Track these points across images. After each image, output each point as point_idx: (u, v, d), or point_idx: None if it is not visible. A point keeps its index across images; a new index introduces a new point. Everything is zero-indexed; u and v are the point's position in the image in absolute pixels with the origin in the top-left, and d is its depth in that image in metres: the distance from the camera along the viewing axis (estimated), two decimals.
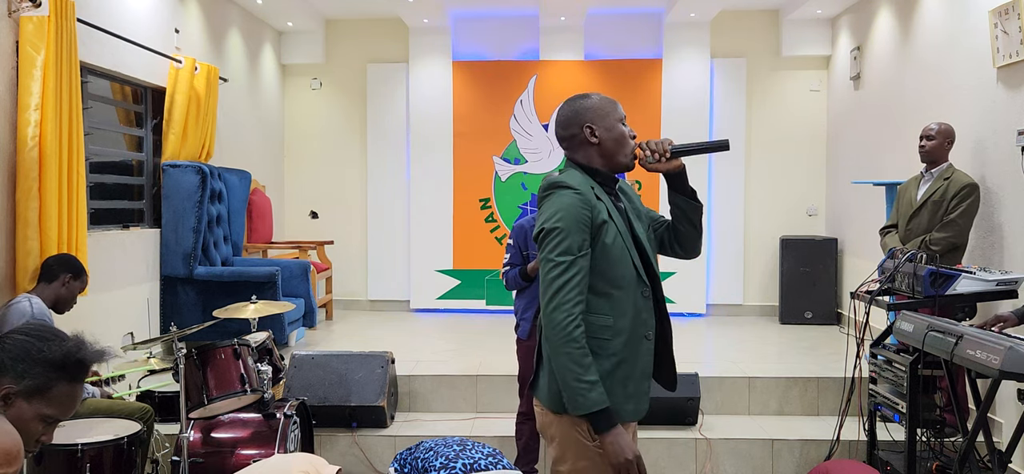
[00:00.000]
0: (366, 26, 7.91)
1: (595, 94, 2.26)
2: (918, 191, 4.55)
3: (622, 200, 2.28)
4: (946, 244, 4.29)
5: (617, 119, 2.22)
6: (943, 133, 4.47)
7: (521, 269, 3.88)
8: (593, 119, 2.21)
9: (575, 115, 2.23)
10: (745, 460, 4.52)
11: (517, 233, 3.96)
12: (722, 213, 7.61)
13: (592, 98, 2.24)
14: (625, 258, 2.17)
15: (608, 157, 2.22)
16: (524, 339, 3.94)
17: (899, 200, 4.73)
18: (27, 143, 3.97)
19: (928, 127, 4.53)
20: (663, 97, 7.52)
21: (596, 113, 2.21)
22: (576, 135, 2.23)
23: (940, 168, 4.47)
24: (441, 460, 3.08)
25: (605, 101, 2.24)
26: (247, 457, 3.67)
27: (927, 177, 4.53)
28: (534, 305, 3.84)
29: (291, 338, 6.02)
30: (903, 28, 5.87)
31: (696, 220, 2.29)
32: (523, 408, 4.03)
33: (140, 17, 5.28)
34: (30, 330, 1.71)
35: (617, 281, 2.15)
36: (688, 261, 4.53)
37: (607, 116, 2.21)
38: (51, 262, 3.80)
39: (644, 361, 2.21)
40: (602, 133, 2.21)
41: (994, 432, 4.25)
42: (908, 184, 4.69)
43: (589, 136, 2.21)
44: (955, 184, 4.34)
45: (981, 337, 3.03)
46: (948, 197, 4.33)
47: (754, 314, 7.67)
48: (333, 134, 8.03)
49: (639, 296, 2.19)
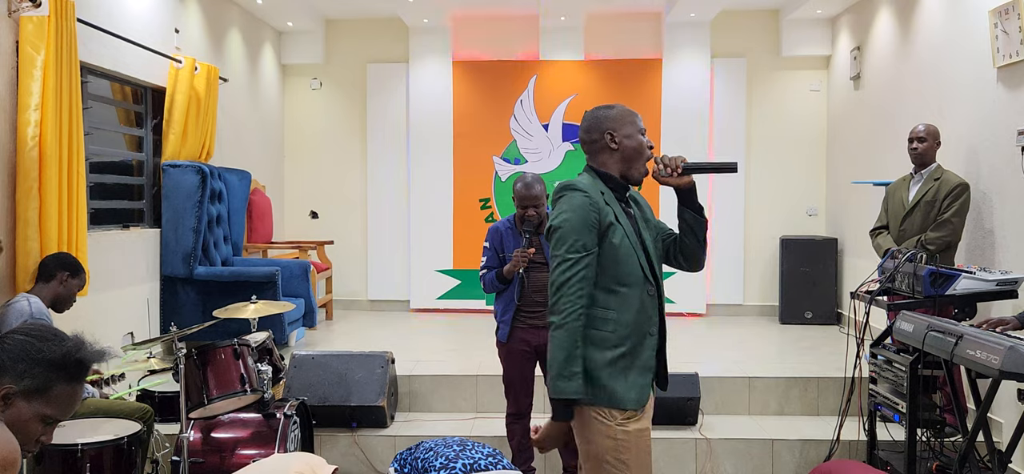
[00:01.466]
0: (366, 26, 7.91)
1: (619, 105, 2.44)
2: (909, 192, 4.59)
3: (632, 207, 2.43)
4: (941, 243, 4.35)
5: (637, 130, 2.39)
6: (932, 134, 4.53)
7: (498, 272, 3.87)
8: (615, 127, 2.37)
9: (598, 122, 2.39)
10: (745, 460, 4.52)
11: (493, 236, 3.95)
12: (722, 213, 7.61)
13: (616, 108, 2.41)
14: (632, 258, 2.30)
15: (626, 163, 2.38)
16: (504, 342, 3.92)
17: (889, 201, 4.77)
18: (27, 143, 3.97)
19: (916, 130, 4.57)
20: (663, 97, 7.52)
21: (618, 121, 2.38)
22: (597, 140, 2.38)
23: (929, 169, 4.53)
24: (441, 460, 3.09)
25: (627, 112, 2.41)
26: (247, 457, 3.67)
27: (917, 178, 4.58)
28: (511, 308, 3.84)
29: (291, 338, 6.02)
30: (903, 28, 5.87)
31: (701, 235, 2.44)
32: (511, 409, 4.02)
33: (140, 17, 5.28)
34: (30, 330, 1.70)
35: (624, 279, 2.29)
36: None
37: (628, 126, 2.38)
38: (48, 261, 3.79)
39: (647, 355, 2.34)
40: (622, 140, 2.36)
41: (994, 432, 4.25)
42: (897, 185, 4.73)
43: (610, 142, 2.36)
44: (947, 184, 4.39)
45: (981, 337, 3.03)
46: (940, 197, 4.38)
47: (754, 314, 7.67)
48: (333, 134, 8.03)
49: (645, 294, 2.33)
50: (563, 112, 7.64)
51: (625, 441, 2.27)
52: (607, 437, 2.26)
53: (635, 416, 2.30)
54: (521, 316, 3.83)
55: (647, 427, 2.36)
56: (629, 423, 2.28)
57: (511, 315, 3.85)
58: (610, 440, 2.26)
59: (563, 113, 7.64)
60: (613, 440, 2.26)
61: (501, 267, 3.87)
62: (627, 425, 2.28)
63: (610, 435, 2.26)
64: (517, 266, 3.74)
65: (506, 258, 3.87)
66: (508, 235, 3.92)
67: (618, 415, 2.26)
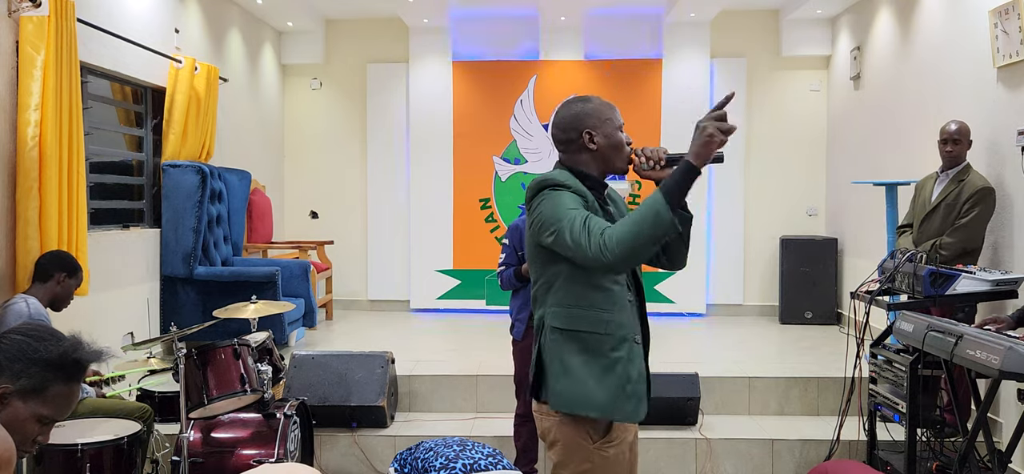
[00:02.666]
0: (366, 26, 7.91)
1: (594, 98, 2.25)
2: (933, 192, 4.44)
3: (609, 204, 2.29)
4: (955, 249, 4.19)
5: (616, 127, 2.22)
6: (965, 134, 4.31)
7: (516, 269, 3.87)
8: (594, 125, 2.20)
9: (575, 119, 2.22)
10: (745, 460, 4.52)
11: (512, 233, 3.95)
12: (722, 213, 7.61)
13: (592, 102, 2.23)
14: None
15: (604, 163, 2.23)
16: (519, 340, 3.92)
17: (916, 198, 4.62)
18: (27, 143, 3.97)
19: (949, 130, 4.34)
20: (663, 97, 7.51)
21: (597, 119, 2.21)
22: (574, 140, 2.22)
23: (956, 169, 4.34)
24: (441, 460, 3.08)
25: (604, 106, 2.24)
26: (247, 457, 3.67)
27: (942, 178, 4.41)
28: (529, 306, 3.83)
29: (291, 338, 6.02)
30: (903, 28, 5.86)
31: (685, 231, 2.19)
32: (520, 409, 4.02)
33: (140, 17, 5.28)
34: (27, 330, 1.70)
35: (601, 281, 2.15)
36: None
37: (607, 122, 2.21)
38: (44, 261, 3.76)
39: (637, 364, 2.22)
40: (601, 140, 2.20)
41: (994, 432, 4.25)
42: (924, 182, 4.58)
43: (588, 142, 2.21)
44: (969, 187, 4.22)
45: (981, 337, 3.03)
46: (961, 200, 4.23)
47: (754, 314, 7.66)
48: (333, 134, 8.03)
49: (624, 300, 2.19)
50: None
51: (600, 465, 2.15)
52: (585, 460, 2.14)
53: (614, 440, 2.18)
54: None
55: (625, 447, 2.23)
56: (609, 447, 2.17)
57: (527, 314, 3.84)
58: (586, 464, 2.15)
59: None
60: (589, 464, 2.14)
61: (519, 265, 3.87)
62: (606, 450, 2.16)
63: (587, 458, 2.14)
64: None
65: (524, 256, 3.87)
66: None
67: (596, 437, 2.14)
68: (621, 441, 2.21)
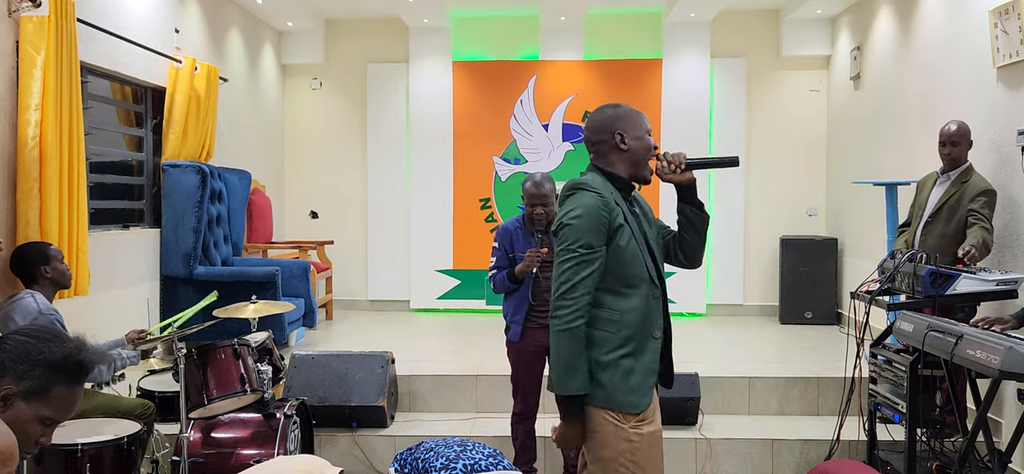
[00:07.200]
0: (366, 26, 7.90)
1: (624, 105, 2.40)
2: (934, 193, 4.39)
3: (636, 206, 2.39)
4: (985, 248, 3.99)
5: (645, 130, 2.37)
6: (964, 135, 4.26)
7: (508, 271, 3.86)
8: (625, 127, 2.34)
9: (607, 122, 2.35)
10: (745, 460, 4.52)
11: (502, 235, 3.94)
12: (722, 213, 7.60)
13: (623, 108, 2.39)
14: (639, 260, 2.28)
15: (634, 164, 2.35)
16: (515, 341, 3.91)
17: (916, 196, 4.58)
18: (27, 143, 3.97)
19: (948, 131, 4.28)
20: (663, 97, 7.52)
21: (628, 122, 2.35)
22: (606, 141, 2.35)
23: (958, 171, 4.29)
24: (441, 460, 3.09)
25: (634, 112, 2.39)
26: (247, 457, 3.67)
27: (943, 180, 4.35)
28: (524, 307, 3.83)
29: (291, 338, 6.02)
30: (903, 28, 5.87)
31: (702, 230, 2.43)
32: (517, 409, 4.02)
33: (140, 17, 5.28)
34: (31, 331, 1.70)
35: (630, 280, 2.27)
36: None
37: (637, 126, 2.35)
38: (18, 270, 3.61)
39: (650, 358, 2.33)
40: (631, 142, 2.34)
41: (994, 432, 4.25)
42: (925, 181, 4.53)
43: (619, 143, 2.33)
44: (973, 188, 4.16)
45: (981, 337, 3.03)
46: (965, 201, 4.17)
47: (754, 314, 7.67)
48: (333, 134, 8.03)
49: (650, 296, 2.31)
50: (563, 112, 7.64)
51: (639, 443, 2.26)
52: (622, 440, 2.25)
53: (647, 419, 2.29)
54: (533, 315, 3.82)
55: (658, 429, 2.36)
56: (642, 426, 2.27)
57: (523, 315, 3.84)
58: (625, 442, 2.25)
59: (563, 113, 7.64)
60: (628, 442, 2.25)
61: (511, 267, 3.86)
62: (640, 428, 2.27)
63: (625, 437, 2.25)
64: (530, 266, 3.71)
65: (516, 258, 3.85)
66: (518, 234, 3.90)
67: (631, 418, 2.25)
68: (653, 420, 2.33)
